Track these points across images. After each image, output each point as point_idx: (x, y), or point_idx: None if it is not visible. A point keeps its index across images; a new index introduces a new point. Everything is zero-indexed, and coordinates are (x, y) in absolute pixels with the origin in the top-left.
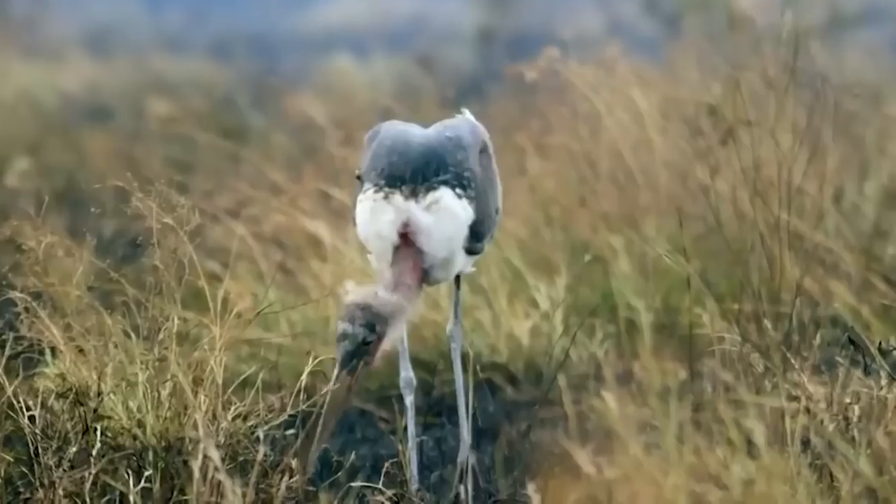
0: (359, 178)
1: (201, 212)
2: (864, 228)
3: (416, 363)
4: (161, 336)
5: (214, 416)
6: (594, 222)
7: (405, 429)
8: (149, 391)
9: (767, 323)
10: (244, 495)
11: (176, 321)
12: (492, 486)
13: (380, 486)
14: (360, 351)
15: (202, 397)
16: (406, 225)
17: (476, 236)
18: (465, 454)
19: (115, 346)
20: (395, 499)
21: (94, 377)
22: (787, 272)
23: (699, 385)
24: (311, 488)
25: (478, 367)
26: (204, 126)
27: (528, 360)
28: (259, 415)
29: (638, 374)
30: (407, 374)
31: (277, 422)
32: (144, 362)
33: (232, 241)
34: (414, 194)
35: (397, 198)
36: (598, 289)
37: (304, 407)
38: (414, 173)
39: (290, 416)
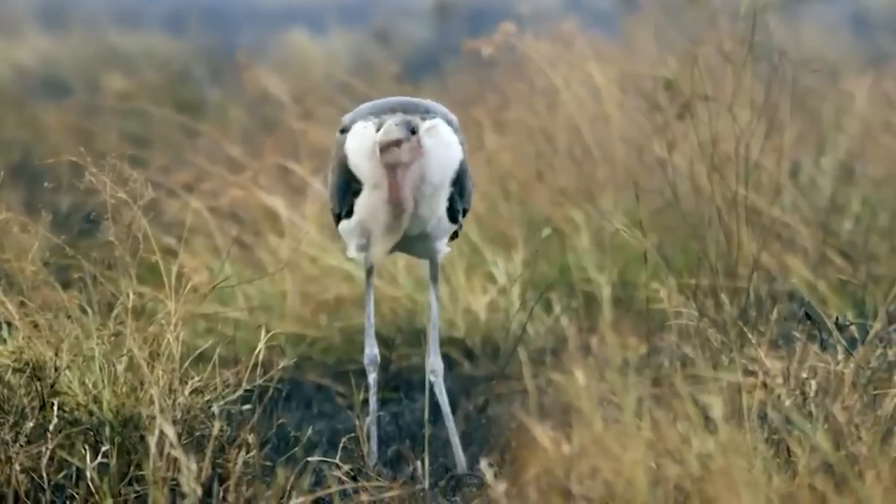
0: (343, 131)
1: (158, 186)
2: (820, 203)
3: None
4: (117, 311)
5: (171, 391)
6: (552, 197)
7: (363, 404)
8: (105, 366)
9: (724, 298)
10: (200, 470)
11: (132, 296)
12: (449, 460)
13: (337, 461)
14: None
15: (158, 372)
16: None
17: (460, 192)
18: (462, 470)
19: (71, 321)
20: (352, 473)
21: (51, 352)
22: (744, 247)
23: (657, 360)
24: (267, 463)
25: None
26: (160, 100)
27: (485, 335)
28: (215, 390)
29: (595, 349)
30: (371, 350)
31: (234, 397)
32: (100, 337)
33: (188, 215)
34: None
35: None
36: (556, 263)
37: (260, 382)
38: (405, 107)
39: (246, 391)
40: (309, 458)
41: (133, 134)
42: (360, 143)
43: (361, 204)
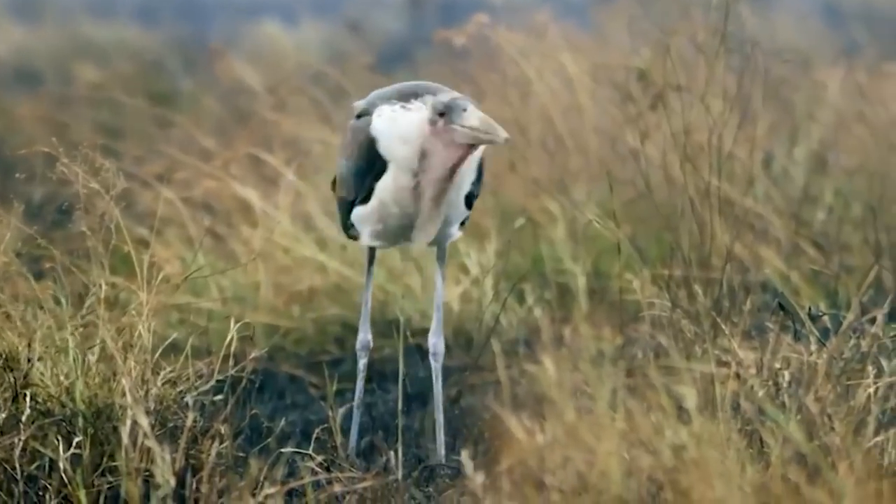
0: (359, 116)
1: (130, 177)
2: (793, 194)
3: (348, 328)
4: (89, 302)
5: (143, 382)
6: (525, 187)
7: (336, 394)
8: (77, 357)
9: (698, 288)
10: (174, 461)
11: (104, 287)
12: (422, 451)
13: (310, 451)
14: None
15: (131, 363)
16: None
17: (478, 178)
18: (440, 459)
19: (44, 312)
20: (325, 464)
21: (23, 343)
22: (717, 238)
23: (630, 351)
24: (240, 454)
25: (408, 333)
26: (133, 91)
27: (458, 326)
28: (188, 380)
29: (569, 340)
30: (365, 336)
31: (207, 387)
32: (73, 328)
33: (161, 206)
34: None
35: (417, 103)
36: (529, 254)
37: (233, 372)
38: (428, 90)
39: (219, 381)
40: (282, 449)
41: (106, 124)
42: (392, 125)
43: (384, 187)
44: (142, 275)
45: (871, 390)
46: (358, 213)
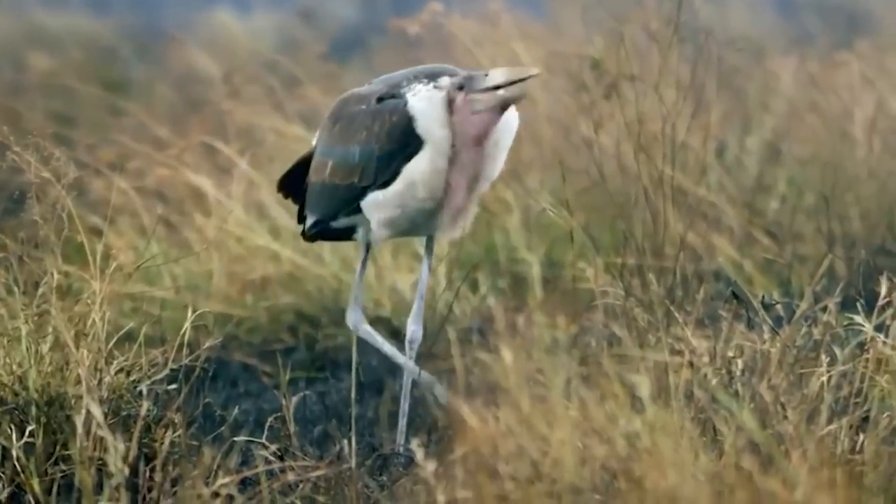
0: (380, 99)
1: (83, 165)
2: (746, 183)
3: (301, 317)
4: (42, 290)
5: (97, 371)
6: None
7: (288, 383)
8: (30, 346)
9: (651, 277)
10: (127, 450)
11: (57, 275)
12: (375, 439)
13: (263, 440)
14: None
15: (84, 352)
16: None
17: None
18: (399, 446)
19: None
20: (278, 453)
21: None
22: (670, 226)
23: (584, 339)
24: (194, 443)
25: None
26: (85, 79)
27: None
28: (142, 369)
29: (522, 328)
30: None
31: (160, 376)
32: (26, 317)
33: (114, 194)
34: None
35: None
36: (482, 243)
37: (186, 361)
38: (450, 73)
39: (172, 370)
40: (235, 438)
41: (58, 113)
42: (430, 105)
43: (417, 170)
44: (95, 264)
45: (824, 379)
46: (374, 198)
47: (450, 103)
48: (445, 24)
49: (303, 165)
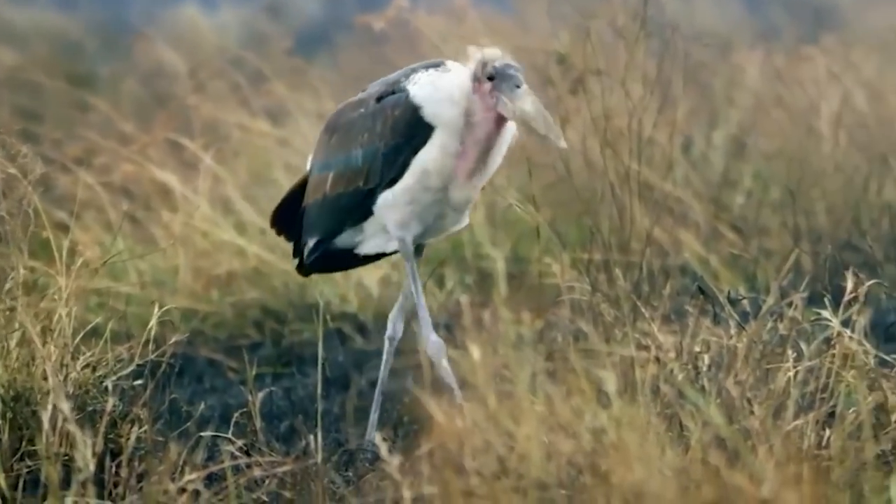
0: (380, 98)
1: (49, 161)
2: (712, 178)
3: (267, 313)
4: (8, 286)
5: (63, 367)
6: None
7: (254, 378)
8: None
9: (617, 272)
10: (93, 445)
11: (23, 271)
12: (341, 435)
13: (229, 435)
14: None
15: (51, 347)
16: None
17: None
18: (370, 440)
19: None
20: (244, 448)
21: None
22: (636, 222)
23: (550, 335)
24: (160, 438)
25: (328, 317)
26: (52, 74)
27: (377, 310)
28: (108, 365)
29: (489, 324)
30: (436, 338)
31: (126, 372)
32: None
33: (80, 190)
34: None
35: (452, 64)
36: (448, 238)
37: (152, 357)
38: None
39: (138, 366)
40: (201, 433)
41: (24, 108)
42: (435, 89)
43: (428, 158)
44: (61, 259)
45: (791, 374)
46: (384, 199)
47: (476, 82)
48: (411, 20)
49: (294, 196)
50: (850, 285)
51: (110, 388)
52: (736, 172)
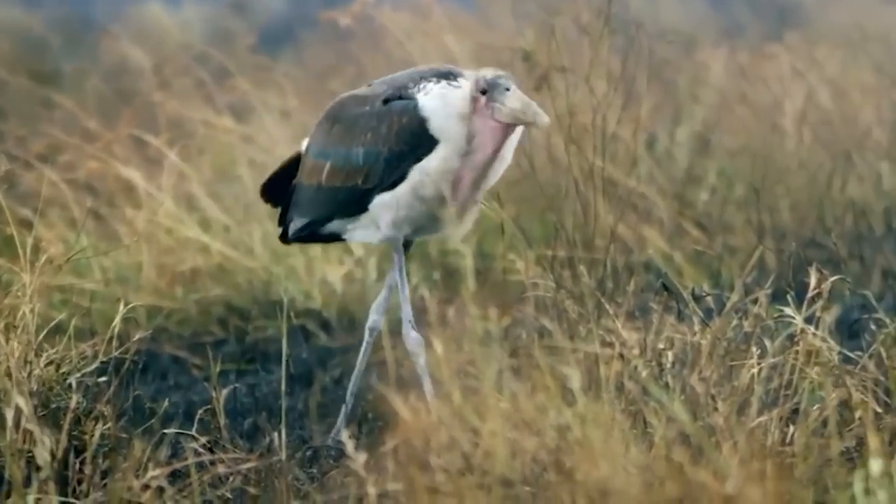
0: (386, 101)
1: (13, 158)
2: (676, 174)
3: (231, 310)
4: None
5: (26, 364)
6: None
7: (219, 375)
8: None
9: (582, 269)
10: (57, 443)
11: None
12: (305, 432)
13: (193, 432)
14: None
15: (14, 344)
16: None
17: None
18: (338, 435)
19: None
20: (208, 445)
21: None
22: (600, 218)
23: (515, 331)
24: (124, 435)
25: (292, 314)
26: (15, 71)
27: (341, 307)
28: (71, 362)
29: (454, 320)
30: (416, 334)
31: (90, 369)
32: None
33: (44, 187)
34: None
35: (462, 80)
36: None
37: (116, 354)
38: (454, 71)
39: (102, 363)
40: (165, 430)
41: None
42: (444, 103)
43: (428, 170)
44: (25, 256)
45: (755, 371)
46: (381, 200)
47: (473, 101)
48: (376, 17)
49: (286, 171)
50: (813, 282)
51: (74, 384)
52: (700, 169)
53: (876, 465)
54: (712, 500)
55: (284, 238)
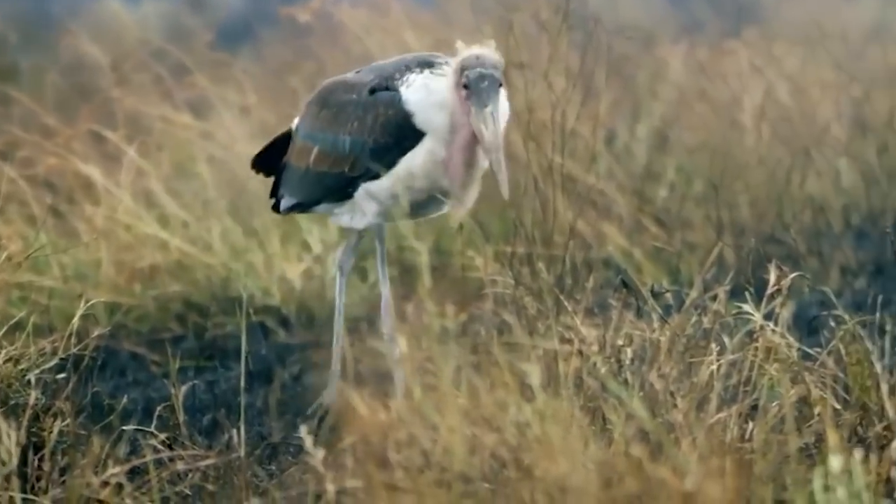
0: (372, 91)
1: None
2: (635, 171)
3: (190, 306)
4: None
5: None
6: None
7: (177, 371)
8: None
9: (541, 265)
10: (16, 439)
11: None
12: (264, 428)
13: (152, 429)
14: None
15: None
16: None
17: None
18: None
19: None
20: (167, 442)
21: None
22: (560, 215)
23: (474, 328)
24: (83, 432)
25: (251, 311)
26: None
27: (300, 303)
28: (30, 358)
29: (412, 317)
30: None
31: (49, 365)
32: None
33: (3, 183)
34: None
35: (446, 68)
36: (371, 231)
37: (75, 350)
38: (439, 61)
39: (61, 359)
40: (124, 427)
41: None
42: (427, 94)
43: (415, 162)
44: None
45: (714, 367)
46: (367, 189)
47: (455, 89)
48: (335, 13)
49: (278, 145)
50: (772, 278)
51: (33, 381)
52: (659, 165)
53: (835, 461)
54: (671, 497)
55: (277, 209)
